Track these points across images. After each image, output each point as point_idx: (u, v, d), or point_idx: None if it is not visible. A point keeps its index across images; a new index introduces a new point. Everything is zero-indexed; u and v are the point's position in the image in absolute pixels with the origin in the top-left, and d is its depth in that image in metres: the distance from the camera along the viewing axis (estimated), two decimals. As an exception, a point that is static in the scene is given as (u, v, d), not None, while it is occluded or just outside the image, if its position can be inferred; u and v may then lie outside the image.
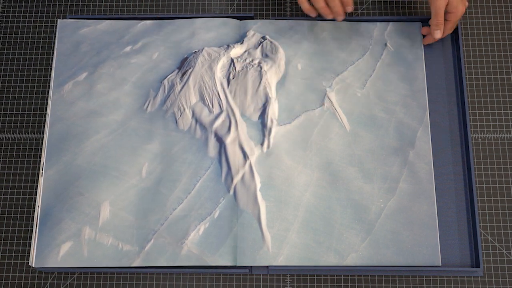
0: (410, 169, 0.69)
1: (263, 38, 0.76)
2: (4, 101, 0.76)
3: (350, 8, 0.71)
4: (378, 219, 0.67)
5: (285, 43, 0.76)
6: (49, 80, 0.77)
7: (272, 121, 0.71)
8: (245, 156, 0.69)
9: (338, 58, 0.75)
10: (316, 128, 0.71)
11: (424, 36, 0.76)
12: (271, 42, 0.76)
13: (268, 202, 0.68)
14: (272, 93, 0.73)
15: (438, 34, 0.72)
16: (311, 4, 0.72)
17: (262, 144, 0.70)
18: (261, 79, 0.74)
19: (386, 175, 0.69)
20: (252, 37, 0.77)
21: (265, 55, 0.76)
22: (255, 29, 0.77)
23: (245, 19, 0.78)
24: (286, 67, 0.75)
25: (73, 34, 0.77)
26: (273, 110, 0.72)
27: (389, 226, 0.67)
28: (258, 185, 0.68)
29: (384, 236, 0.66)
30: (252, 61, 0.75)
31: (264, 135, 0.71)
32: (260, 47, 0.76)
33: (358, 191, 0.68)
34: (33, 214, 0.71)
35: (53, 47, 0.79)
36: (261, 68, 0.74)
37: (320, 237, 0.66)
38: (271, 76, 0.74)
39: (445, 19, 0.72)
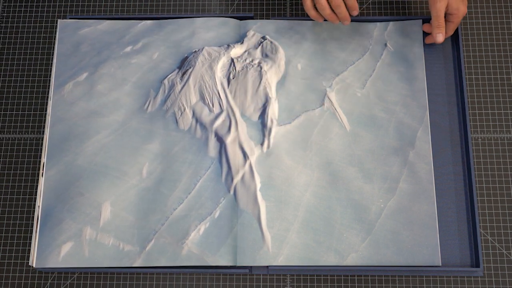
0: (410, 169, 0.69)
1: (263, 38, 0.76)
2: (4, 101, 0.76)
3: (356, 12, 0.71)
4: (378, 219, 0.67)
5: (285, 43, 0.76)
6: (49, 80, 0.77)
7: (272, 121, 0.71)
8: (245, 156, 0.69)
9: (338, 58, 0.75)
10: (316, 128, 0.71)
11: (424, 33, 0.76)
12: (271, 42, 0.76)
13: (268, 202, 0.68)
14: (272, 93, 0.73)
15: (440, 38, 0.72)
16: (317, 11, 0.72)
17: (262, 144, 0.70)
18: (261, 79, 0.74)
19: (386, 175, 0.69)
20: (252, 37, 0.77)
21: (265, 55, 0.76)
22: (255, 29, 0.77)
23: (245, 19, 0.78)
24: (286, 67, 0.75)
25: (74, 34, 0.77)
26: (273, 110, 0.72)
27: (389, 226, 0.67)
28: (258, 185, 0.68)
29: (384, 236, 0.66)
30: (252, 61, 0.75)
31: (264, 135, 0.71)
32: (260, 47, 0.76)
33: (358, 191, 0.68)
34: (33, 214, 0.71)
35: (53, 47, 0.79)
36: (261, 68, 0.74)
37: (320, 237, 0.66)
38: (271, 76, 0.74)
39: (447, 21, 0.72)
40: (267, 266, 0.67)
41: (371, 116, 0.72)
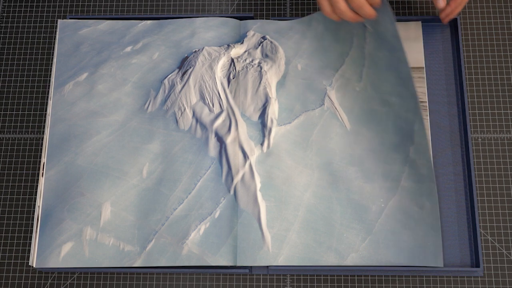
0: (411, 167, 0.68)
1: (263, 38, 0.76)
2: (4, 101, 0.76)
3: (378, 3, 0.64)
4: (379, 218, 0.67)
5: (285, 43, 0.76)
6: (49, 80, 0.77)
7: (272, 121, 0.71)
8: (245, 156, 0.69)
9: (335, 52, 0.74)
10: (316, 128, 0.71)
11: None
12: (271, 42, 0.76)
13: (268, 202, 0.68)
14: (272, 93, 0.73)
15: (441, 3, 0.69)
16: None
17: (262, 144, 0.70)
18: (261, 79, 0.74)
19: (388, 174, 0.69)
20: (252, 37, 0.77)
21: (265, 55, 0.75)
22: (255, 29, 0.77)
23: (245, 19, 0.78)
24: (286, 67, 0.75)
25: (74, 35, 0.77)
26: (273, 110, 0.72)
27: (390, 226, 0.67)
28: (258, 185, 0.68)
29: (384, 236, 0.66)
30: (252, 61, 0.75)
31: (264, 135, 0.71)
32: (260, 47, 0.76)
33: (358, 191, 0.68)
34: (33, 214, 0.71)
35: (53, 47, 0.79)
36: (261, 68, 0.74)
37: (321, 237, 0.66)
38: (271, 76, 0.74)
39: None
40: (267, 266, 0.67)
41: (371, 111, 0.71)
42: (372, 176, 0.69)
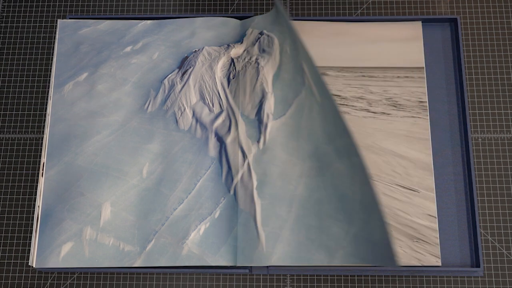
0: (347, 137, 0.58)
1: (261, 33, 0.76)
2: (4, 101, 0.76)
3: None
4: (354, 205, 0.61)
5: (279, 30, 0.75)
6: (49, 80, 0.77)
7: (268, 116, 0.71)
8: (244, 155, 0.69)
9: (289, 23, 0.70)
10: (304, 112, 0.69)
11: None
12: (268, 36, 0.75)
13: (263, 200, 0.67)
14: (269, 87, 0.72)
15: None
16: None
17: (258, 141, 0.70)
18: (258, 76, 0.73)
19: (345, 150, 0.60)
20: (251, 35, 0.76)
21: (262, 50, 0.75)
22: (254, 25, 0.76)
23: (245, 19, 0.78)
24: (280, 57, 0.74)
25: (73, 34, 0.77)
26: (269, 105, 0.71)
27: (363, 214, 0.59)
28: (255, 184, 0.68)
29: (360, 228, 0.60)
30: (250, 58, 0.75)
31: (260, 132, 0.70)
32: (257, 43, 0.76)
33: (337, 173, 0.63)
34: (33, 214, 0.71)
35: (53, 47, 0.79)
36: (258, 64, 0.74)
37: (312, 233, 0.65)
38: (268, 71, 0.73)
39: None
40: (267, 266, 0.67)
41: (318, 79, 0.65)
42: (342, 154, 0.61)
